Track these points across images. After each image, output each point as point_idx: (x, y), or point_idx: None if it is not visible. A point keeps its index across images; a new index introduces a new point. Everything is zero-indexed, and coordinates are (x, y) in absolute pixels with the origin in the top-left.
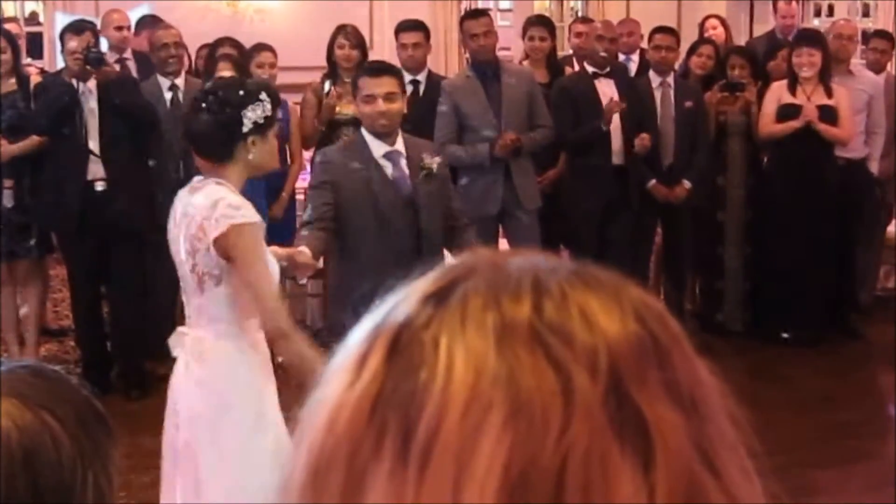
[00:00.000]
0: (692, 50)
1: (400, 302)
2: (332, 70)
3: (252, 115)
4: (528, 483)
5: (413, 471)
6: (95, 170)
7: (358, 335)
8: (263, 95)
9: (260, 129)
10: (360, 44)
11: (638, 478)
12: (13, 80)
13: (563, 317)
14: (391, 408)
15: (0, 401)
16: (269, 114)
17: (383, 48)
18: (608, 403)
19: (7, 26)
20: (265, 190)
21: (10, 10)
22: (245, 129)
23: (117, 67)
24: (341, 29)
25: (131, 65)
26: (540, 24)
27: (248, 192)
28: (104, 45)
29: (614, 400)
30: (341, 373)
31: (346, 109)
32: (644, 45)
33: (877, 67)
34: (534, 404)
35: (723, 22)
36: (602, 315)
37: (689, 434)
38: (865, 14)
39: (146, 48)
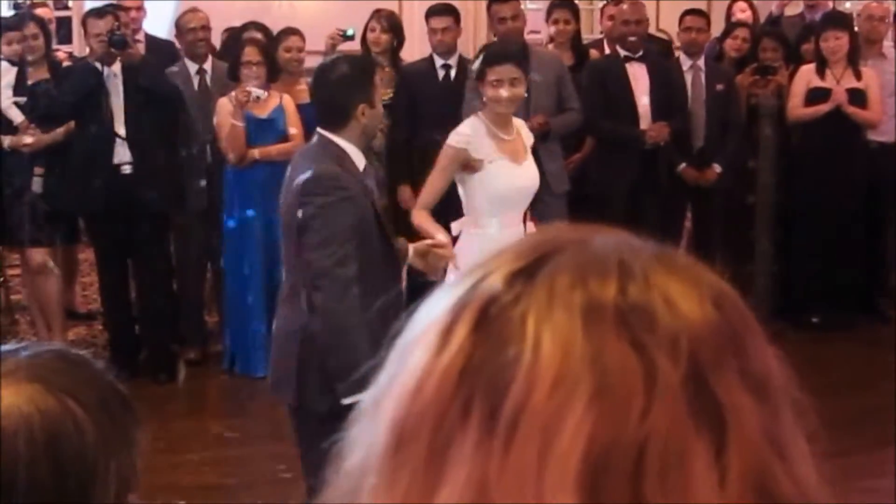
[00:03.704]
0: (727, 33)
1: (485, 276)
2: (366, 55)
3: None
4: (609, 461)
5: (499, 443)
6: (122, 153)
7: (438, 307)
8: None
9: None
10: (392, 28)
11: (711, 461)
12: (45, 68)
13: (646, 300)
14: (478, 380)
15: (23, 385)
16: None
17: (412, 33)
18: (687, 388)
19: (38, 11)
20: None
21: None
22: None
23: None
24: (376, 13)
25: (141, 47)
26: (564, 6)
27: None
28: None
29: (693, 385)
30: (425, 342)
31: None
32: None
33: None
34: (618, 385)
35: (750, 4)
36: (683, 300)
37: (761, 421)
38: None
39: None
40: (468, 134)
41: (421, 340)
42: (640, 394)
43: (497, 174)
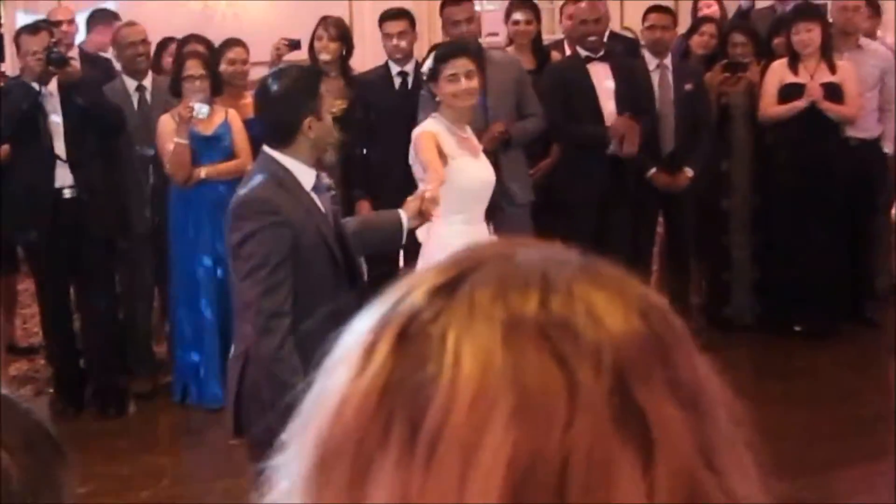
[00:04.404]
0: (693, 29)
1: (407, 293)
2: (314, 64)
3: None
4: (532, 477)
5: (419, 462)
6: (63, 176)
7: (362, 325)
8: None
9: None
10: (341, 35)
11: (637, 475)
12: None
13: (569, 313)
14: (399, 399)
15: None
16: None
17: (364, 40)
18: (611, 400)
19: None
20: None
21: None
22: None
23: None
24: (323, 20)
25: (75, 64)
26: (524, 6)
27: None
28: None
29: (618, 397)
30: (348, 362)
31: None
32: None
33: None
34: (539, 400)
35: None
36: (607, 312)
37: (690, 433)
38: None
39: (101, 47)
40: (431, 125)
41: (344, 360)
42: (562, 407)
43: (462, 169)
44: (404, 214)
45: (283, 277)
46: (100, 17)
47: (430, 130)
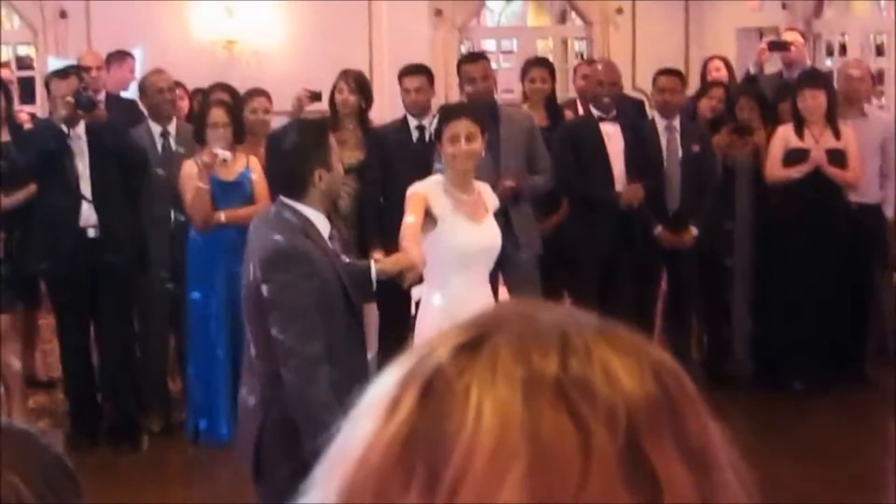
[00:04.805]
0: (702, 92)
1: (433, 350)
2: (333, 115)
3: None
4: None
5: None
6: (88, 215)
7: (389, 379)
8: None
9: None
10: (360, 88)
11: None
12: (5, 130)
13: (586, 373)
14: (421, 450)
15: None
16: None
17: (383, 91)
18: (624, 458)
19: None
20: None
21: (2, 54)
22: None
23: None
24: (343, 73)
25: (102, 108)
26: (540, 65)
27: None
28: None
29: (629, 455)
30: (374, 412)
31: (346, 157)
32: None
33: None
34: (555, 457)
35: (726, 63)
36: (623, 373)
37: (698, 492)
38: (879, 53)
39: (118, 85)
40: (427, 185)
41: (369, 411)
42: (576, 464)
43: (453, 231)
44: (374, 268)
45: (319, 325)
46: (115, 57)
47: (420, 192)
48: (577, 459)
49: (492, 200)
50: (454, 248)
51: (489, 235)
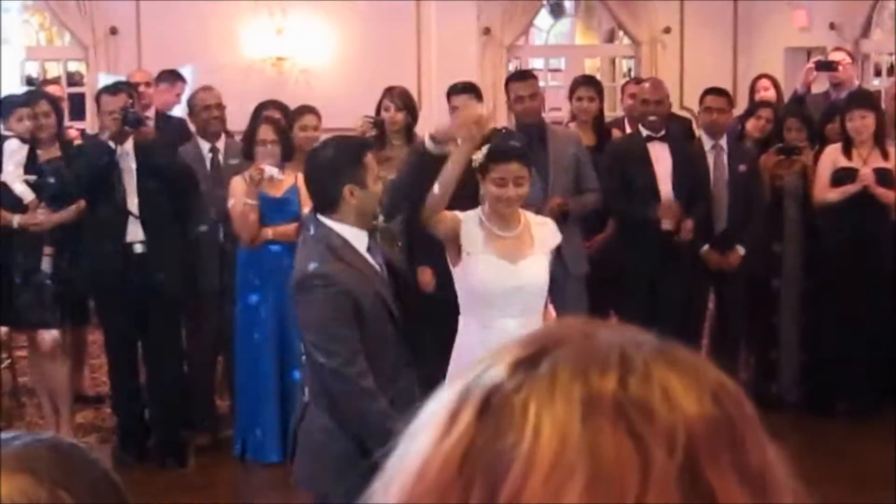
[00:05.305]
0: (750, 112)
1: (491, 365)
2: (380, 133)
3: None
4: None
5: None
6: (134, 231)
7: (447, 394)
8: None
9: None
10: (407, 106)
11: None
12: (56, 146)
13: (646, 393)
14: (479, 464)
15: (15, 476)
16: None
17: (431, 108)
18: (682, 480)
19: (49, 88)
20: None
21: (53, 70)
22: None
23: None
24: (388, 91)
25: (150, 125)
26: (588, 84)
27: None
28: None
29: (688, 476)
30: (432, 427)
31: (390, 174)
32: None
33: None
34: (613, 475)
35: (774, 82)
36: (682, 394)
37: None
38: None
39: (166, 105)
40: (467, 214)
41: (427, 426)
42: (634, 483)
43: (476, 269)
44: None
45: (356, 342)
46: (165, 77)
47: (459, 215)
48: (635, 478)
49: (551, 238)
50: (477, 285)
51: (525, 276)
